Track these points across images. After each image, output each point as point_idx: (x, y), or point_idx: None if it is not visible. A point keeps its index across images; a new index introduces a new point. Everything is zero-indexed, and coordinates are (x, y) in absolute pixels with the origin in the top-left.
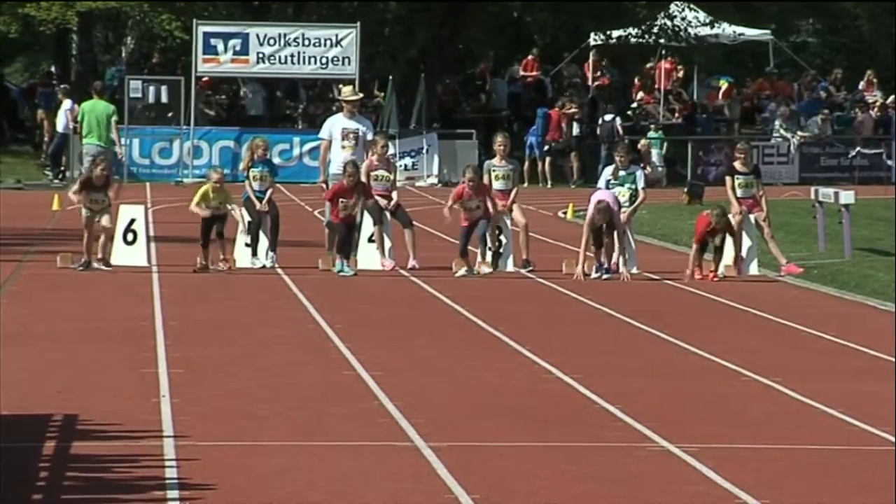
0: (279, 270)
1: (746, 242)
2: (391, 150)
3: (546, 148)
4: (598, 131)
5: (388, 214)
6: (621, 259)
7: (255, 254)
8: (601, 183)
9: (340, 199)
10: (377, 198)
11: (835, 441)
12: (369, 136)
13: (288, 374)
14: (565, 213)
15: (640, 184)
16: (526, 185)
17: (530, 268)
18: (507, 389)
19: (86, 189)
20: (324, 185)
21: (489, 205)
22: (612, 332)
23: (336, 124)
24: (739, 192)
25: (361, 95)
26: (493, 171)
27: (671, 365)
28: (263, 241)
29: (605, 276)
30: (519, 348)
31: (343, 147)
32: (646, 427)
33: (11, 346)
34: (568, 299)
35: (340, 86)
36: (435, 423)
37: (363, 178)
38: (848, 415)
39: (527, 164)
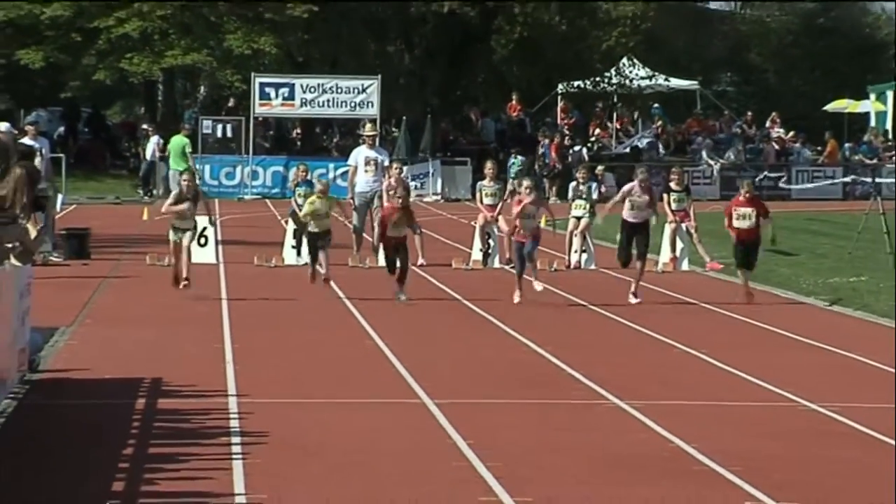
0: (317, 266)
1: (680, 245)
2: (404, 173)
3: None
4: (569, 159)
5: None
6: (583, 257)
7: (298, 254)
8: (570, 195)
9: (390, 218)
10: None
11: (749, 399)
12: (386, 163)
13: (322, 346)
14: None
15: (595, 195)
16: (509, 200)
17: (512, 265)
18: (496, 359)
19: (179, 202)
20: (351, 201)
21: (543, 218)
22: (576, 315)
23: (360, 154)
24: (674, 206)
25: (377, 132)
26: (483, 189)
27: (622, 340)
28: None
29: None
30: (505, 328)
31: (366, 171)
32: (602, 389)
33: (111, 326)
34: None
35: (364, 123)
36: (438, 386)
37: (383, 195)
38: (758, 378)
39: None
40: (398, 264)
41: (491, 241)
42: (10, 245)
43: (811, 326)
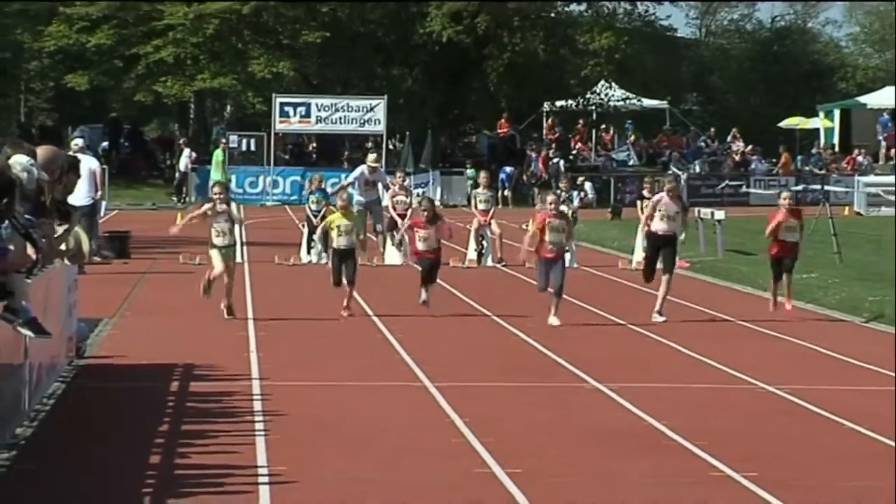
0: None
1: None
2: (407, 181)
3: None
4: (549, 170)
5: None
6: (567, 256)
7: (308, 252)
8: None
9: (418, 232)
10: (396, 217)
11: (711, 382)
12: (386, 181)
13: (335, 336)
14: (526, 225)
15: (576, 203)
16: (500, 206)
17: (503, 263)
18: (491, 347)
19: (209, 215)
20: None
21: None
22: (560, 307)
23: (361, 175)
24: (646, 212)
25: (380, 164)
26: (478, 196)
27: (601, 330)
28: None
29: None
30: (498, 320)
31: (365, 191)
32: (583, 373)
33: (148, 317)
34: (529, 285)
35: (369, 152)
36: (439, 370)
37: (387, 202)
38: (720, 363)
39: (499, 193)
40: (430, 276)
41: (484, 243)
42: (63, 248)
43: (766, 318)
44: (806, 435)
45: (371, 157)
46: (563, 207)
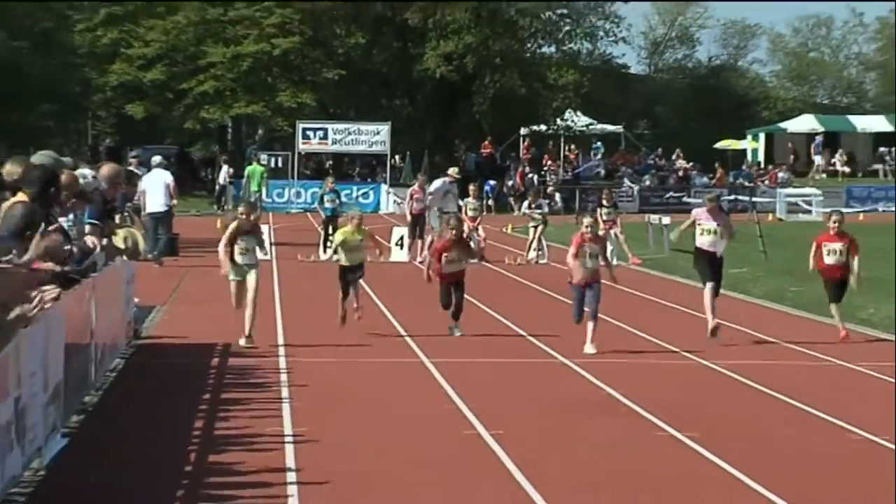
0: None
1: (610, 247)
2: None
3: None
4: (525, 183)
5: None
6: (539, 254)
7: (324, 251)
8: (525, 211)
9: (444, 254)
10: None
11: (660, 358)
12: (455, 191)
13: (349, 321)
14: (507, 229)
15: (546, 209)
16: (484, 213)
17: (486, 262)
18: (476, 330)
19: (235, 236)
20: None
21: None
22: (533, 297)
23: (443, 185)
24: (605, 217)
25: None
26: (468, 205)
27: (567, 316)
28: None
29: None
30: (483, 307)
31: (444, 200)
32: (554, 351)
33: (193, 305)
34: (508, 279)
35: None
36: (434, 349)
37: (407, 207)
38: (668, 343)
39: (484, 202)
40: (454, 300)
41: (472, 244)
42: (122, 247)
43: (703, 305)
44: (742, 404)
45: (453, 170)
46: (536, 214)
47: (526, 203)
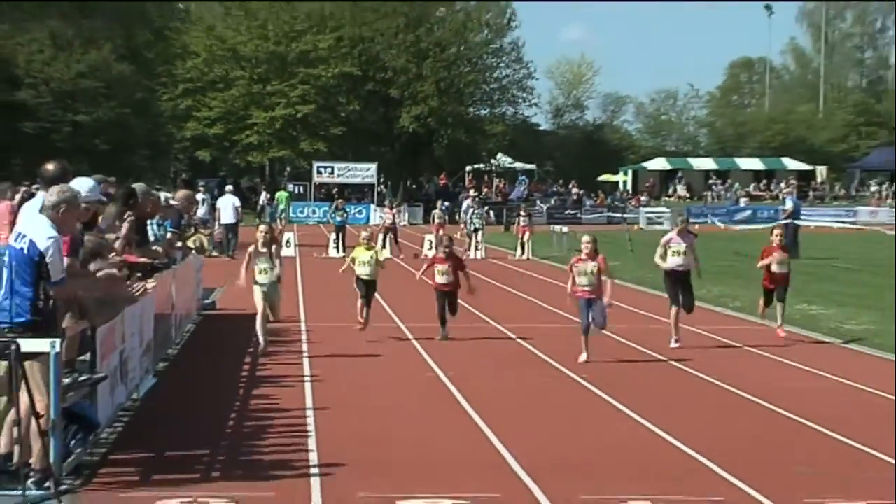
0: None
1: (528, 248)
2: (394, 210)
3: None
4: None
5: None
6: (479, 253)
7: (336, 250)
8: (467, 220)
9: (438, 267)
10: (386, 227)
11: (566, 322)
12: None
13: (353, 297)
14: (458, 234)
15: (482, 220)
16: (447, 220)
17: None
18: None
19: (253, 258)
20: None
21: (607, 283)
22: (492, 290)
23: (473, 203)
24: (522, 224)
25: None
26: (436, 216)
27: (503, 293)
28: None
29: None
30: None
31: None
32: (499, 324)
33: (243, 288)
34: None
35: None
36: (412, 321)
37: (382, 221)
38: (566, 312)
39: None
40: (447, 307)
41: (476, 245)
42: (192, 247)
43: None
44: (618, 354)
45: (473, 192)
46: (476, 222)
47: (469, 214)
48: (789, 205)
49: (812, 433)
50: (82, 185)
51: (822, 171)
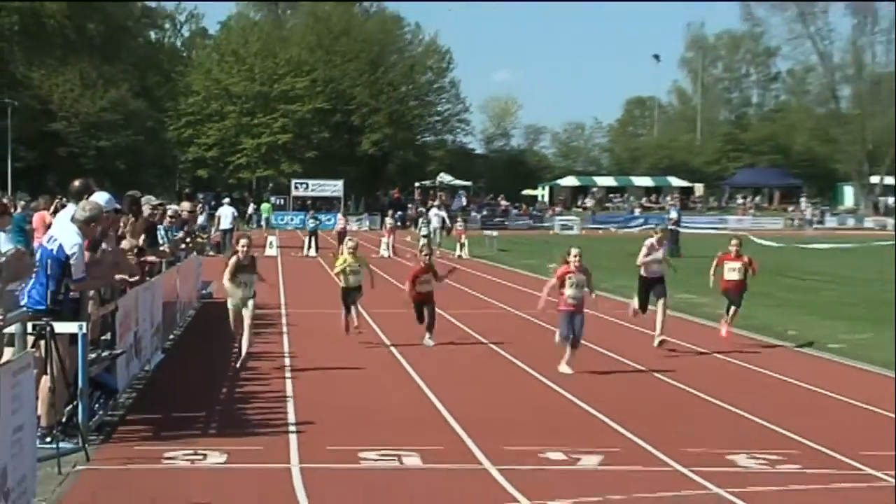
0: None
1: (465, 248)
2: (349, 219)
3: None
4: (417, 214)
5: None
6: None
7: (309, 248)
8: (419, 227)
9: (418, 278)
10: (339, 232)
11: (498, 310)
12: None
13: (328, 285)
14: (409, 238)
15: (429, 228)
16: (399, 225)
17: (394, 255)
18: (399, 302)
19: (236, 272)
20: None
21: (592, 295)
22: (454, 292)
23: (436, 216)
24: (459, 227)
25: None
26: (388, 221)
27: (481, 301)
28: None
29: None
30: (400, 284)
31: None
32: (453, 318)
33: None
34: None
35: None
36: (376, 310)
37: (340, 227)
38: (499, 301)
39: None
40: (426, 314)
41: (386, 249)
42: (206, 246)
43: (515, 282)
44: (543, 338)
45: (437, 202)
46: (424, 229)
47: (420, 221)
48: (673, 214)
49: (700, 402)
50: (101, 198)
51: (699, 188)
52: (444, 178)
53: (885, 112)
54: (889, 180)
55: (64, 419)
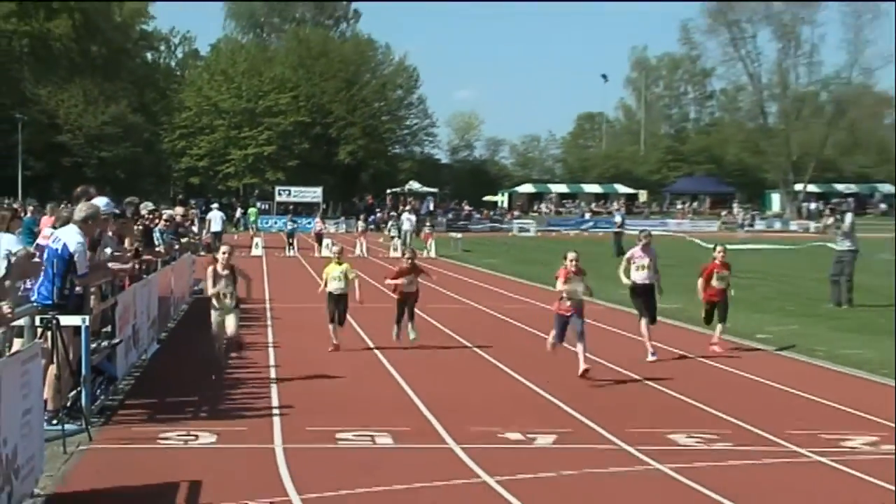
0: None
1: (432, 248)
2: (327, 223)
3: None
4: (388, 218)
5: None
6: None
7: (289, 249)
8: (388, 230)
9: (402, 278)
10: (316, 233)
11: (465, 306)
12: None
13: (309, 285)
14: (381, 239)
15: (399, 231)
16: (370, 228)
17: (367, 255)
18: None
19: (215, 282)
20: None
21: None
22: (431, 290)
23: (408, 218)
24: (427, 230)
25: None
26: (359, 226)
27: (426, 290)
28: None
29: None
30: (379, 286)
31: (408, 219)
32: (422, 312)
33: None
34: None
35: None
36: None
37: (317, 229)
38: (464, 297)
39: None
40: (406, 312)
41: (362, 247)
42: (184, 246)
43: (480, 279)
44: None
45: (409, 207)
46: (395, 231)
47: (389, 224)
48: (619, 218)
49: (650, 391)
50: (100, 201)
51: (643, 194)
52: (414, 185)
53: (807, 127)
54: (812, 188)
55: (69, 403)
